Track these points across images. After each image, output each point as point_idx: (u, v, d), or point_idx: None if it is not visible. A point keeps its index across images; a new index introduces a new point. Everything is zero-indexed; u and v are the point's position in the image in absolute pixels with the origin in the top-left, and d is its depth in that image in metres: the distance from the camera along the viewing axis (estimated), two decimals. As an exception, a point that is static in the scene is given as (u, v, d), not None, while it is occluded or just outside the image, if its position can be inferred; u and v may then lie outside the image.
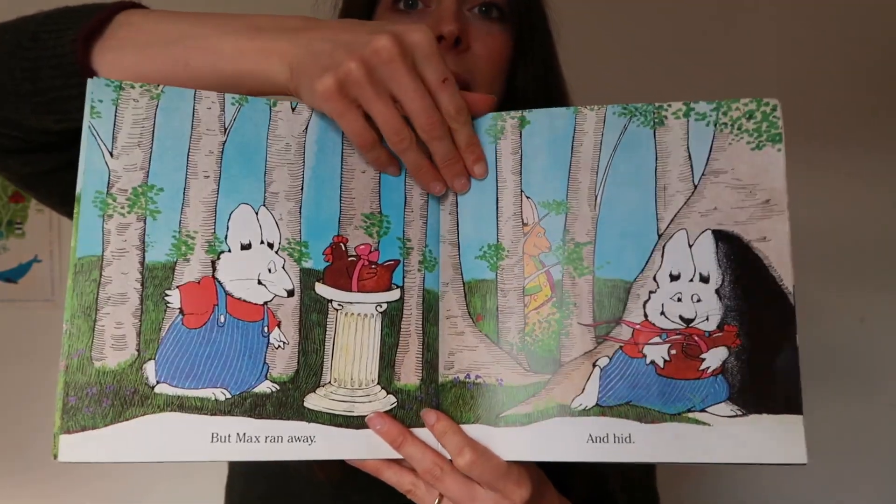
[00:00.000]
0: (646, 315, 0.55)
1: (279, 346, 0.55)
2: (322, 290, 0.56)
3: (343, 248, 0.57)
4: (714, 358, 0.54)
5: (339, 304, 0.56)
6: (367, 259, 0.58)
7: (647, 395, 0.54)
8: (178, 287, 0.53)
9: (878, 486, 1.73)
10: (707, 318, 0.54)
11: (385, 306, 0.57)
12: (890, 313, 1.75)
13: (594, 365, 0.55)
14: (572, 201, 0.58)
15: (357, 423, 0.55)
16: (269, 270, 0.55)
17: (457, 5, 0.71)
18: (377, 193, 0.59)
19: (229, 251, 0.55)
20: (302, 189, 0.57)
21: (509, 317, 0.58)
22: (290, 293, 0.56)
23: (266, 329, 0.55)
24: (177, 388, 0.52)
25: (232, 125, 0.56)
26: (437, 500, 0.56)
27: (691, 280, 0.55)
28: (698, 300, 0.55)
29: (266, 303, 0.55)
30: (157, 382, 0.52)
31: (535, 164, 0.59)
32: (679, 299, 0.55)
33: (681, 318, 0.55)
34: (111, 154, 0.53)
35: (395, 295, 0.58)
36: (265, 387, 0.54)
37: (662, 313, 0.55)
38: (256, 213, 0.56)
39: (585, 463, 0.54)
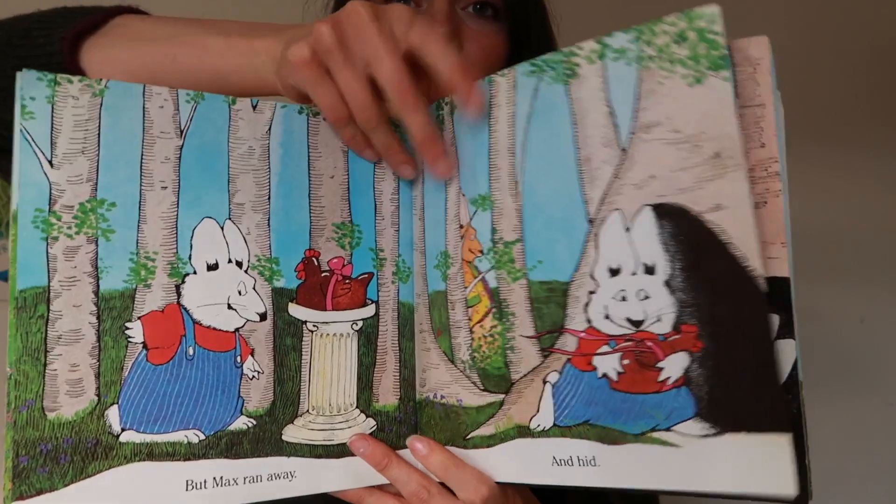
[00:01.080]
0: (589, 321, 0.46)
1: (253, 376, 0.49)
2: (296, 310, 0.51)
3: (316, 263, 0.52)
4: (673, 366, 0.43)
5: (314, 326, 0.52)
6: (340, 274, 0.53)
7: (606, 413, 0.46)
8: (139, 318, 0.46)
9: (878, 486, 1.67)
10: (659, 319, 0.44)
11: (360, 324, 0.53)
12: (890, 313, 1.68)
13: (544, 381, 0.48)
14: (496, 193, 0.50)
15: (338, 451, 0.52)
16: (240, 293, 0.50)
17: (449, 5, 0.67)
18: (347, 200, 0.54)
19: (195, 273, 0.48)
20: (269, 198, 0.51)
21: (458, 332, 0.53)
22: (263, 317, 0.50)
23: (239, 359, 0.49)
24: (145, 435, 0.46)
25: (188, 127, 0.49)
26: None
27: (634, 273, 0.45)
28: (645, 297, 0.44)
29: (237, 329, 0.49)
30: (123, 430, 0.45)
31: (464, 154, 0.52)
32: (623, 298, 0.45)
33: (628, 320, 0.45)
34: (50, 163, 0.45)
35: (370, 311, 0.54)
36: (241, 423, 0.49)
37: (607, 317, 0.46)
38: (222, 228, 0.49)
39: None
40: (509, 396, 0.50)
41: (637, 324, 0.45)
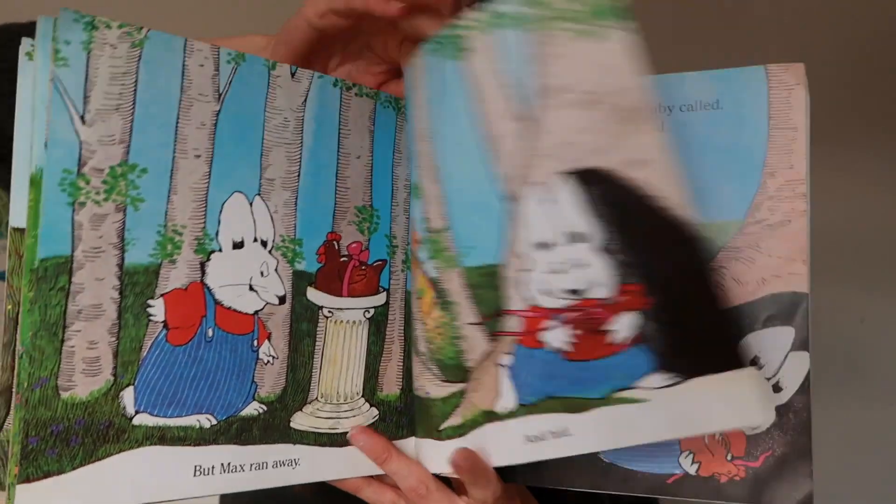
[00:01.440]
0: (529, 298, 0.46)
1: (268, 361, 0.47)
2: (314, 295, 0.49)
3: (336, 247, 0.50)
4: (624, 326, 0.43)
5: (330, 311, 0.50)
6: (357, 259, 0.51)
7: (566, 385, 0.45)
8: (162, 296, 0.43)
9: (878, 486, 1.66)
10: (600, 284, 0.43)
11: (372, 312, 0.52)
12: (890, 313, 1.67)
13: (498, 365, 0.48)
14: (423, 181, 0.49)
15: (341, 440, 0.51)
16: (262, 274, 0.47)
17: None
18: (370, 183, 0.52)
19: (220, 251, 0.45)
20: (298, 176, 0.48)
21: (416, 324, 0.52)
22: (282, 300, 0.48)
23: (256, 343, 0.47)
24: (158, 418, 0.43)
25: (227, 90, 0.45)
26: None
27: (565, 244, 0.44)
28: (581, 265, 0.43)
29: (257, 312, 0.47)
30: (137, 412, 0.43)
31: (407, 143, 0.52)
32: (559, 271, 0.44)
33: (568, 291, 0.44)
34: (82, 119, 0.40)
35: (381, 299, 0.53)
36: (252, 409, 0.47)
37: (547, 291, 0.45)
38: (251, 205, 0.47)
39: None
40: (469, 385, 0.50)
41: (578, 293, 0.44)
